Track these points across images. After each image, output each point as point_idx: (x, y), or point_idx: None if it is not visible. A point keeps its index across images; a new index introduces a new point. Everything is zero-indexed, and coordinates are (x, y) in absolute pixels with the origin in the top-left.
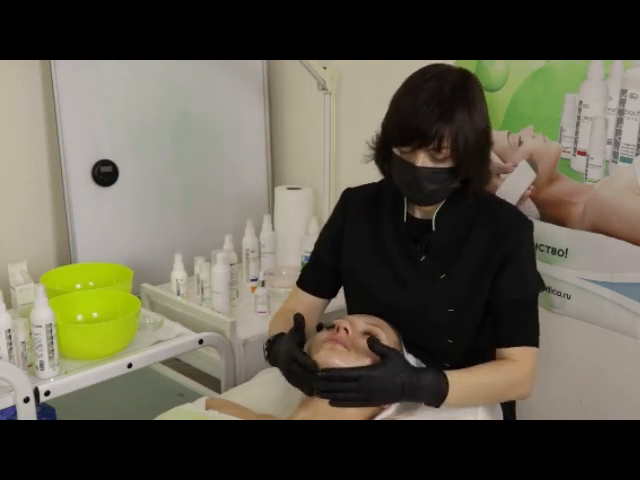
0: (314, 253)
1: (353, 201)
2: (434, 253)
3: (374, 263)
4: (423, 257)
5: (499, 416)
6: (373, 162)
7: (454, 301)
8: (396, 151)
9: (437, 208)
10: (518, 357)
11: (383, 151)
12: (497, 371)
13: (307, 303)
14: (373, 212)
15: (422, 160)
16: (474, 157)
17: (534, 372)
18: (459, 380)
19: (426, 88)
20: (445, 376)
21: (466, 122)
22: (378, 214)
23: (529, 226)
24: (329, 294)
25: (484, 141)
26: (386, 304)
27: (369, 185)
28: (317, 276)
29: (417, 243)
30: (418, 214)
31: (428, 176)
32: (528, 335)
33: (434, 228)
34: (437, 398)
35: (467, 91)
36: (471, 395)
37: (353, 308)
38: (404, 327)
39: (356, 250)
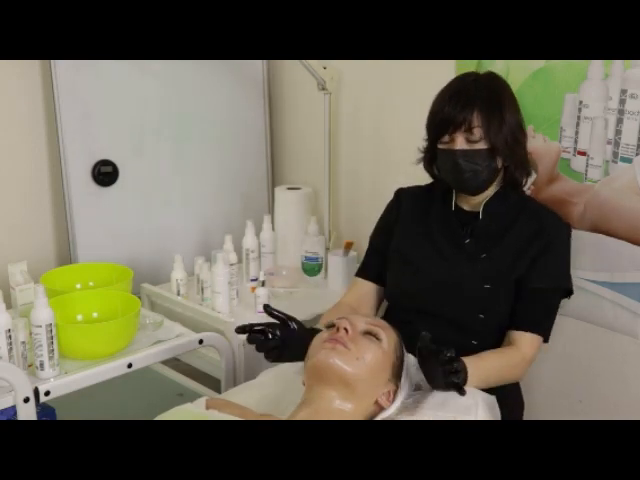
0: (370, 245)
1: (406, 197)
2: (478, 237)
3: (421, 243)
4: (468, 240)
5: (498, 416)
6: (374, 162)
7: (491, 278)
8: (440, 145)
9: (485, 200)
10: (522, 343)
11: (430, 153)
12: (502, 358)
13: (365, 291)
14: (424, 206)
15: (460, 143)
16: (506, 140)
17: (532, 360)
18: (473, 373)
19: (454, 87)
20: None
21: (493, 108)
22: (429, 208)
23: (568, 229)
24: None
25: (517, 130)
26: (426, 279)
27: (420, 186)
28: (374, 264)
29: (463, 229)
30: (466, 207)
31: (466, 157)
32: (540, 325)
33: (481, 217)
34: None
35: (493, 86)
36: (479, 381)
37: (395, 285)
38: (443, 302)
39: (406, 234)
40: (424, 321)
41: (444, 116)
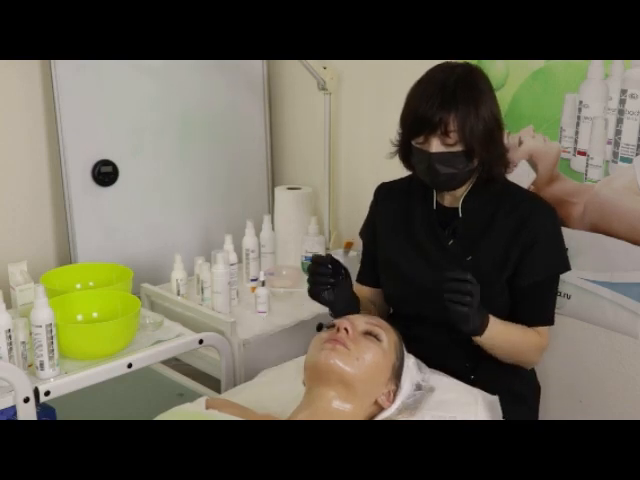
0: (363, 249)
1: (385, 193)
2: (461, 237)
3: (405, 248)
4: (451, 241)
5: (499, 415)
6: (374, 162)
7: (479, 281)
8: (414, 143)
9: (463, 196)
10: (539, 333)
11: (404, 147)
12: (526, 333)
13: (368, 297)
14: (404, 201)
15: (435, 146)
16: (483, 140)
17: (546, 348)
18: (496, 324)
19: (432, 82)
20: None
21: (469, 108)
22: (409, 203)
23: (551, 211)
24: None
25: (493, 126)
26: (416, 285)
27: (401, 178)
28: (371, 269)
29: (445, 229)
30: (446, 202)
31: (442, 160)
32: (544, 316)
33: (460, 214)
34: (483, 324)
35: (470, 81)
36: (501, 341)
37: (388, 292)
38: (435, 308)
39: (389, 236)
40: (422, 326)
41: (419, 115)
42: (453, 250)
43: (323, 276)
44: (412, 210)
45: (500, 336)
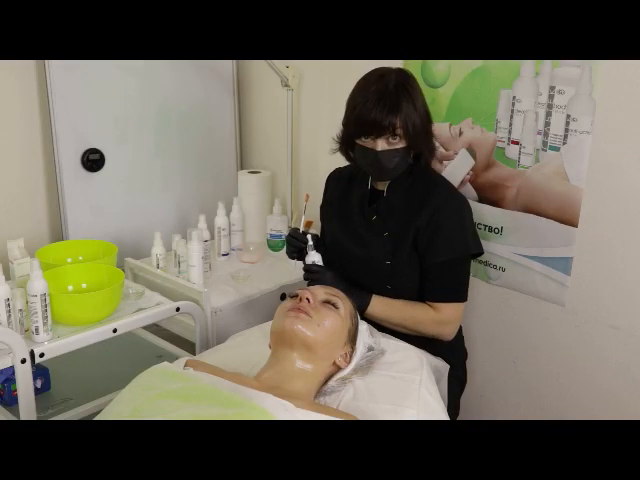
0: (321, 228)
1: (333, 178)
2: (382, 215)
3: (345, 226)
4: (374, 217)
5: (444, 382)
6: (330, 150)
7: (391, 254)
8: (359, 141)
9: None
10: (439, 309)
11: (347, 143)
12: (416, 306)
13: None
14: (347, 184)
15: (381, 145)
16: (421, 135)
17: (456, 319)
18: (379, 300)
19: (374, 89)
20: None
21: (410, 110)
22: (351, 186)
23: (459, 201)
24: None
25: (426, 121)
26: (348, 255)
27: (349, 165)
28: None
29: (371, 207)
30: (380, 186)
31: (387, 157)
32: (450, 293)
33: (385, 194)
34: (362, 301)
35: (407, 86)
36: (389, 312)
37: (329, 261)
38: (359, 273)
39: (335, 217)
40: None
41: (370, 120)
42: (376, 225)
43: (292, 245)
44: (351, 191)
45: (385, 309)
